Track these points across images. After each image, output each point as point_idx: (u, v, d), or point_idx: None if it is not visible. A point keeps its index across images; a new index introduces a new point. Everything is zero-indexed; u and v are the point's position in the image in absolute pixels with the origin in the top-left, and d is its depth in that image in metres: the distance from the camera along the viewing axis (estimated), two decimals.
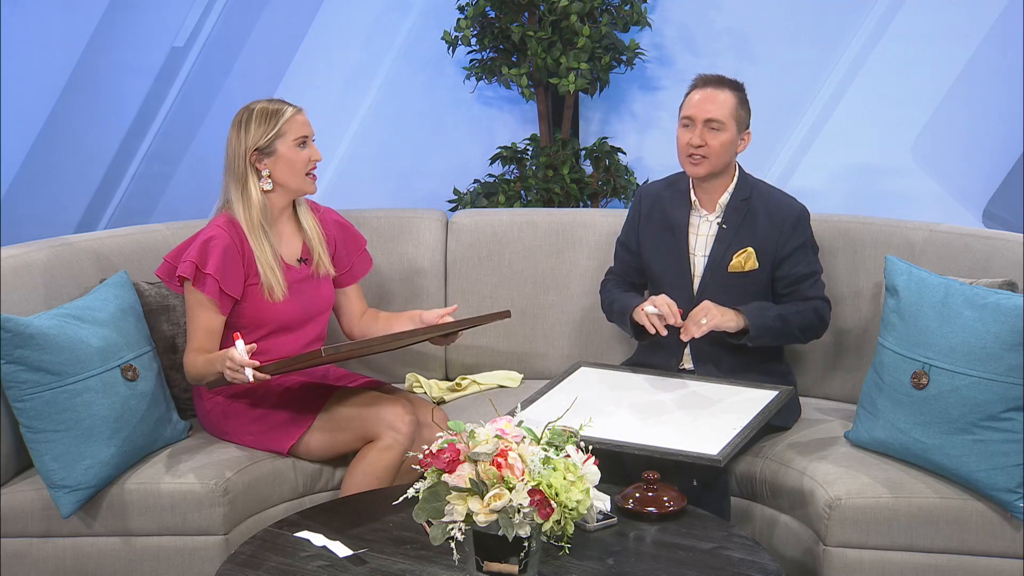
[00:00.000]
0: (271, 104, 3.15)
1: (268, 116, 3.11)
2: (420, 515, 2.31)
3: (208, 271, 3.04)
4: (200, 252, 3.06)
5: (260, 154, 3.11)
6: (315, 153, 3.17)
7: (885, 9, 4.26)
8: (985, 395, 2.82)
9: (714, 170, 3.18)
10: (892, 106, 4.29)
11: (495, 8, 4.23)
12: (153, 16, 4.59)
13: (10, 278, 3.09)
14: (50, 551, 2.96)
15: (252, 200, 3.12)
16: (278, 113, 3.12)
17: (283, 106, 3.15)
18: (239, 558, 2.50)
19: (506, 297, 3.70)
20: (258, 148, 3.10)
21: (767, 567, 2.46)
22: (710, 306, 3.09)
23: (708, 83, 3.19)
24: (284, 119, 3.11)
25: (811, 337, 3.28)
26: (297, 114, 3.15)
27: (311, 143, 3.17)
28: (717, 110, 3.14)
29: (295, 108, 3.16)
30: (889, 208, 4.21)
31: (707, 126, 3.14)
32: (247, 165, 3.11)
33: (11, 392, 2.87)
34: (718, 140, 3.15)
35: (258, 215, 3.11)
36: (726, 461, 2.81)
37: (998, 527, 2.85)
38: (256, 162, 3.12)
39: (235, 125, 3.14)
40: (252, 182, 3.12)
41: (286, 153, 3.12)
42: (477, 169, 4.50)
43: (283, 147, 3.11)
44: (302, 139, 3.14)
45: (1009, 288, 3.03)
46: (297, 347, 3.16)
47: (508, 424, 2.31)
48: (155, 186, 4.71)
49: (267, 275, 3.10)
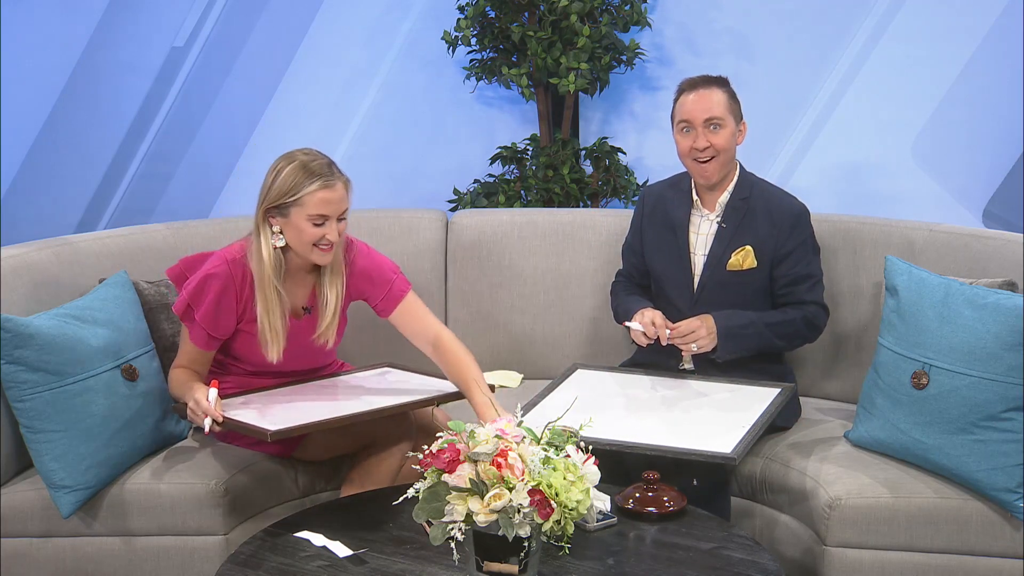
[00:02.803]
0: (308, 167, 2.89)
1: (294, 180, 2.87)
2: (420, 515, 2.31)
3: (197, 317, 2.93)
4: (196, 290, 2.94)
5: (275, 211, 2.92)
6: (331, 233, 2.89)
7: (885, 9, 4.26)
8: (985, 395, 2.82)
9: (724, 168, 3.19)
10: (892, 106, 4.29)
11: (495, 8, 4.24)
12: (153, 16, 4.59)
13: (10, 278, 3.09)
14: (50, 551, 2.96)
15: (263, 252, 2.93)
16: (305, 183, 2.87)
17: (315, 177, 2.87)
18: (239, 558, 2.50)
19: (506, 297, 3.70)
20: (274, 205, 2.91)
21: (767, 567, 2.46)
22: (703, 334, 3.10)
23: (696, 85, 3.19)
24: (305, 191, 2.86)
25: (798, 344, 3.29)
26: (323, 191, 2.87)
27: (332, 222, 2.89)
28: (714, 108, 3.15)
29: (328, 183, 2.88)
30: (889, 208, 4.21)
31: (707, 126, 3.15)
32: (262, 217, 2.94)
33: (11, 392, 2.87)
34: (721, 137, 3.15)
35: (269, 269, 2.93)
36: (740, 459, 2.82)
37: (998, 527, 2.85)
38: (270, 217, 2.93)
39: (271, 169, 2.93)
40: (265, 236, 2.93)
41: (298, 223, 2.89)
42: (477, 169, 4.50)
43: (297, 217, 2.89)
44: (319, 217, 2.88)
45: (1009, 288, 3.03)
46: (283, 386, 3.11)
47: (508, 424, 2.32)
48: (155, 186, 4.71)
49: (265, 333, 2.95)
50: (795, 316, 3.21)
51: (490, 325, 3.72)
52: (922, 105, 4.27)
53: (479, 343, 3.71)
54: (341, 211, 2.92)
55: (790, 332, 3.21)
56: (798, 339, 3.26)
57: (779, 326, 3.19)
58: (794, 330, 3.22)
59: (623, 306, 3.32)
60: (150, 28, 4.59)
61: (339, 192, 2.90)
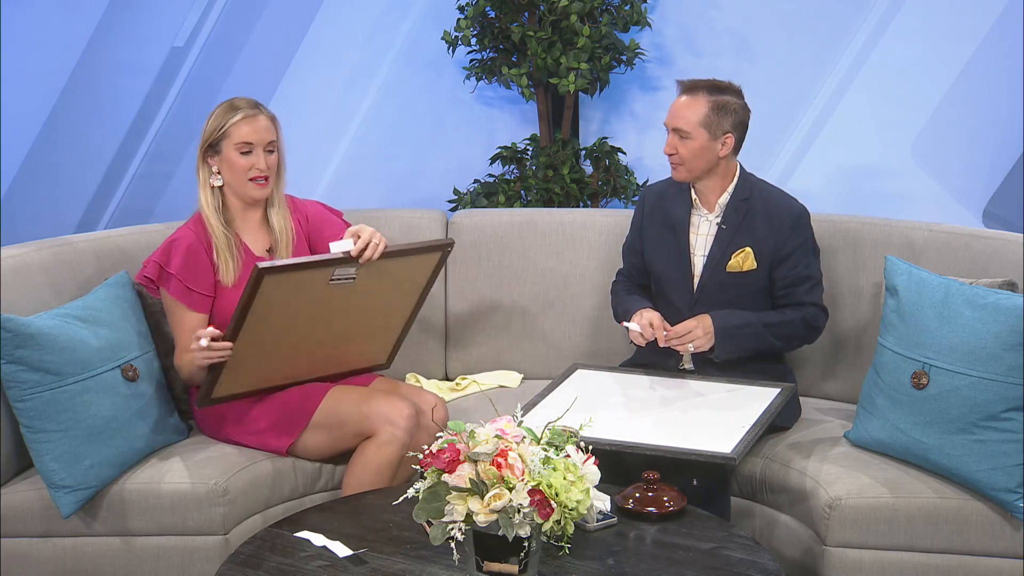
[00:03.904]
0: (235, 103, 3.12)
1: (222, 114, 3.10)
2: (420, 515, 2.31)
3: (171, 271, 3.06)
4: (164, 252, 3.09)
5: (211, 150, 3.12)
6: (259, 162, 3.11)
7: (885, 9, 4.26)
8: (985, 395, 2.82)
9: (693, 175, 3.20)
10: (892, 106, 4.28)
11: (495, 8, 4.23)
12: (153, 16, 4.58)
13: (10, 278, 3.09)
14: (50, 551, 2.96)
15: (206, 193, 3.13)
16: (228, 114, 3.10)
17: (239, 110, 3.10)
18: (239, 558, 2.50)
19: (506, 297, 3.70)
20: (208, 144, 3.11)
21: (767, 567, 2.45)
22: (699, 334, 3.11)
23: (685, 90, 3.20)
24: (231, 122, 3.09)
25: (796, 345, 3.29)
26: (247, 120, 3.10)
27: (259, 151, 3.11)
28: (683, 119, 3.15)
29: (249, 113, 3.11)
30: (889, 208, 4.21)
31: (675, 134, 3.17)
32: (201, 158, 3.14)
33: (11, 392, 2.87)
34: (686, 148, 3.16)
35: (213, 207, 3.12)
36: (740, 459, 2.82)
37: (998, 527, 2.85)
38: (208, 157, 3.13)
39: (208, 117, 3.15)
40: (204, 175, 3.14)
41: (228, 157, 3.11)
42: (477, 169, 4.50)
43: (227, 150, 3.11)
44: (245, 145, 3.09)
45: (1009, 288, 3.03)
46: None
47: (508, 424, 2.32)
48: (155, 186, 4.71)
49: (221, 258, 3.10)
50: (794, 317, 3.21)
51: (490, 325, 3.72)
52: (922, 105, 4.27)
53: (479, 343, 3.72)
54: (266, 141, 3.11)
55: (788, 333, 3.21)
56: (796, 340, 3.26)
57: (777, 327, 3.19)
58: (792, 331, 3.21)
59: (623, 306, 3.32)
60: (150, 28, 4.59)
61: (262, 123, 3.11)
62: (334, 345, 3.13)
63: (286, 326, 2.98)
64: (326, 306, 3.00)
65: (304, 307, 2.96)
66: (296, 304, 2.94)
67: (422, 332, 3.68)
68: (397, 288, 3.13)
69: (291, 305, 2.93)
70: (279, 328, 2.97)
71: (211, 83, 4.61)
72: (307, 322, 3.00)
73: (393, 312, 3.19)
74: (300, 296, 2.93)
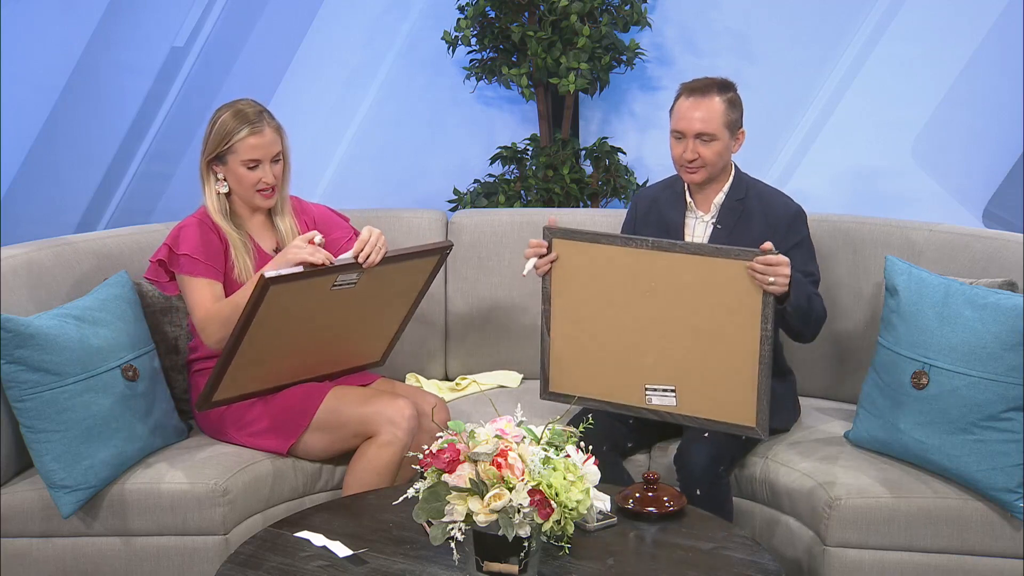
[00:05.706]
0: (239, 114, 3.10)
1: (227, 128, 3.09)
2: (420, 515, 2.31)
3: (183, 250, 3.08)
4: (173, 237, 3.12)
5: (216, 160, 3.13)
6: (267, 176, 3.12)
7: (885, 9, 4.26)
8: (985, 395, 2.82)
9: (712, 175, 3.18)
10: (892, 106, 4.29)
11: (495, 8, 4.24)
12: (153, 16, 4.59)
13: (10, 278, 3.09)
14: (50, 551, 2.96)
15: (212, 199, 3.15)
16: (235, 131, 3.08)
17: (243, 124, 3.09)
18: (239, 558, 2.50)
19: (506, 297, 3.70)
20: (214, 155, 3.12)
21: (767, 567, 2.45)
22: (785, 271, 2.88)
23: (694, 92, 3.13)
24: (237, 139, 3.09)
25: (810, 332, 3.16)
26: (252, 136, 3.09)
27: (266, 165, 3.11)
28: (706, 123, 3.09)
29: (256, 128, 3.09)
30: (889, 208, 4.21)
31: (698, 139, 3.12)
32: (206, 166, 3.15)
33: (11, 392, 2.87)
34: (711, 150, 3.12)
35: (220, 212, 3.14)
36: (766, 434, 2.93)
37: (998, 527, 2.85)
38: (213, 166, 3.14)
39: (210, 120, 3.14)
40: (210, 184, 3.15)
41: (235, 169, 3.12)
42: (477, 169, 4.50)
43: (233, 163, 3.12)
44: (252, 161, 3.10)
45: (1009, 288, 3.03)
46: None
47: (508, 424, 2.32)
48: (155, 186, 4.72)
49: (239, 258, 3.12)
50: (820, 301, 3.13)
51: (490, 325, 3.72)
52: (922, 105, 4.27)
53: (479, 343, 3.72)
54: (273, 154, 3.12)
55: (819, 309, 3.09)
56: (815, 324, 3.11)
57: (818, 299, 3.09)
58: (820, 313, 3.11)
59: None
60: (150, 28, 4.60)
61: (268, 137, 3.10)
62: (332, 345, 3.14)
63: (287, 330, 2.98)
64: (326, 310, 3.00)
65: (305, 312, 2.96)
66: (298, 310, 2.94)
67: (422, 332, 3.68)
68: (395, 290, 3.13)
69: (293, 311, 2.93)
70: (280, 333, 2.97)
71: (211, 83, 4.62)
72: (307, 325, 3.01)
73: (390, 312, 3.20)
74: (302, 302, 2.93)
